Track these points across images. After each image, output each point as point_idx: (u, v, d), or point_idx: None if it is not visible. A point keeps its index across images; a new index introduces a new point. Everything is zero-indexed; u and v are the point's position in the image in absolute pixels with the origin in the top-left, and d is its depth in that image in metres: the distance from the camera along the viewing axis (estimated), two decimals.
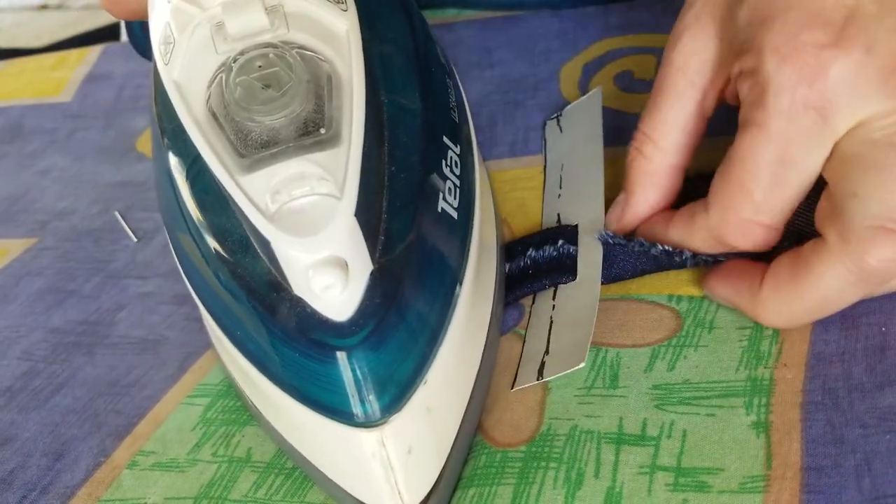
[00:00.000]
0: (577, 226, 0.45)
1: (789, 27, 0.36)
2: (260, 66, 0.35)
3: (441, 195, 0.37)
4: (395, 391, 0.34)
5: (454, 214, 0.37)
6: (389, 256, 0.34)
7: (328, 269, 0.31)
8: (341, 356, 0.33)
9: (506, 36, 0.62)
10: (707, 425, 0.36)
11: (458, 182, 0.38)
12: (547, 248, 0.45)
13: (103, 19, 0.97)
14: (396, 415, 0.34)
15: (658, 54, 0.55)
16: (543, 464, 0.37)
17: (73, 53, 0.79)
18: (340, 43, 0.36)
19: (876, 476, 0.33)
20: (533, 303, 0.43)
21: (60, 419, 0.45)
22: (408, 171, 0.36)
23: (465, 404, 0.37)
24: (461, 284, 0.37)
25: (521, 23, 0.63)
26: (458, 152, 0.39)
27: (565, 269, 0.43)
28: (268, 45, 0.36)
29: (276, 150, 0.34)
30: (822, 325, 0.38)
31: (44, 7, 1.00)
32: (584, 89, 0.56)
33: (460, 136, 0.40)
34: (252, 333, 0.35)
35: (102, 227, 0.58)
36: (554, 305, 0.42)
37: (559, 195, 0.48)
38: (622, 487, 0.35)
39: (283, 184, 0.33)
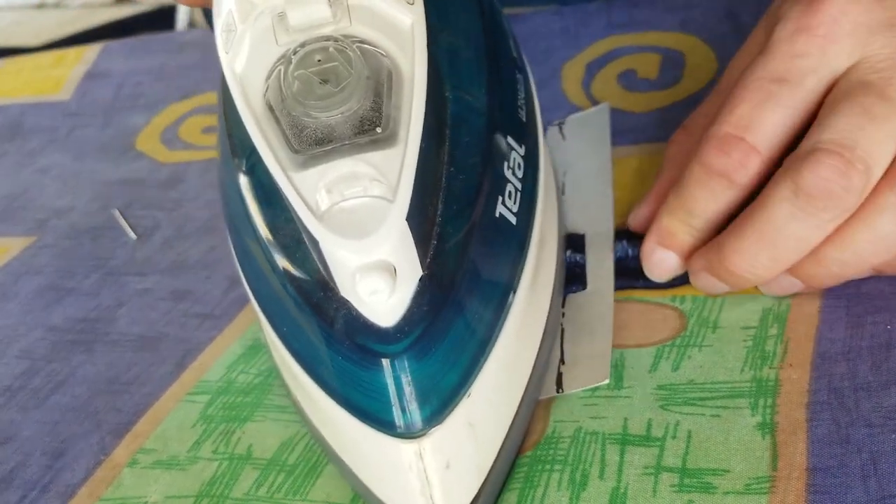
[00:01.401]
0: (583, 235, 0.44)
1: None
2: (319, 60, 0.34)
3: (500, 199, 0.36)
4: (438, 403, 0.33)
5: (513, 220, 0.36)
6: (441, 262, 0.33)
7: (376, 273, 0.31)
8: (384, 363, 0.32)
9: None
10: (712, 426, 0.36)
11: (519, 186, 0.37)
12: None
13: (102, 17, 0.97)
14: (437, 427, 0.33)
15: (661, 52, 0.55)
16: (548, 466, 0.36)
17: (72, 52, 0.79)
18: (404, 38, 0.35)
19: (882, 476, 0.33)
20: None
21: (60, 418, 0.45)
22: (467, 173, 0.35)
23: (511, 420, 0.36)
24: (515, 293, 0.36)
25: (523, 21, 0.63)
26: (523, 154, 0.38)
27: (574, 277, 0.43)
28: (329, 38, 0.35)
29: (330, 147, 0.33)
30: (828, 324, 0.38)
31: (42, 5, 1.00)
32: (586, 88, 0.55)
33: (526, 137, 0.39)
34: (298, 331, 0.35)
35: (101, 225, 0.58)
36: (563, 313, 0.42)
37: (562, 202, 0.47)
38: (627, 488, 0.35)
39: (335, 183, 0.32)
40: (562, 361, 0.40)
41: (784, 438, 0.35)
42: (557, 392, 0.39)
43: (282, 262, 0.34)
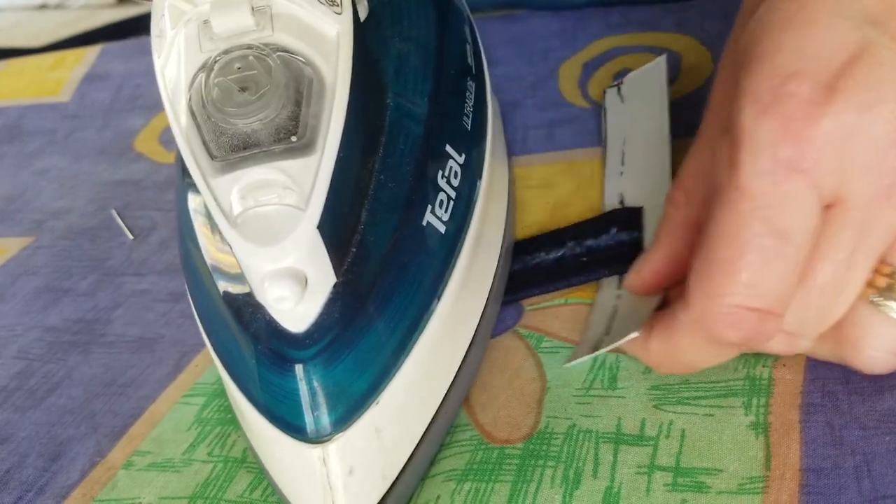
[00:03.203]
0: (641, 209, 0.43)
1: (775, 73, 0.31)
2: (239, 68, 0.34)
3: (430, 208, 0.36)
4: (344, 409, 0.33)
5: (441, 228, 0.37)
6: (358, 270, 0.33)
7: (283, 280, 0.31)
8: (296, 368, 0.33)
9: (505, 35, 0.62)
10: (706, 425, 0.36)
11: (453, 194, 0.37)
12: (604, 236, 0.44)
13: (102, 19, 0.97)
14: (342, 433, 0.34)
15: (657, 52, 0.55)
16: (541, 462, 0.36)
17: (72, 53, 0.79)
18: (329, 47, 0.35)
19: (875, 477, 0.33)
20: (596, 292, 0.43)
21: (56, 419, 0.45)
22: (397, 181, 0.35)
23: (424, 427, 0.37)
24: (440, 300, 0.36)
25: (520, 22, 0.63)
26: (462, 162, 0.38)
27: (628, 256, 0.41)
28: (250, 46, 0.35)
29: (247, 153, 0.33)
30: None
31: (43, 7, 1.00)
32: (583, 88, 0.55)
33: (469, 145, 0.39)
34: (220, 334, 0.35)
35: (99, 226, 0.58)
36: (619, 295, 0.41)
37: (621, 173, 0.46)
38: (620, 487, 0.35)
39: (249, 189, 0.32)
40: (606, 333, 0.40)
41: (777, 439, 0.35)
42: (590, 353, 0.39)
43: (209, 266, 0.35)
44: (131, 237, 0.56)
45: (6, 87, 0.78)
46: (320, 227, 0.32)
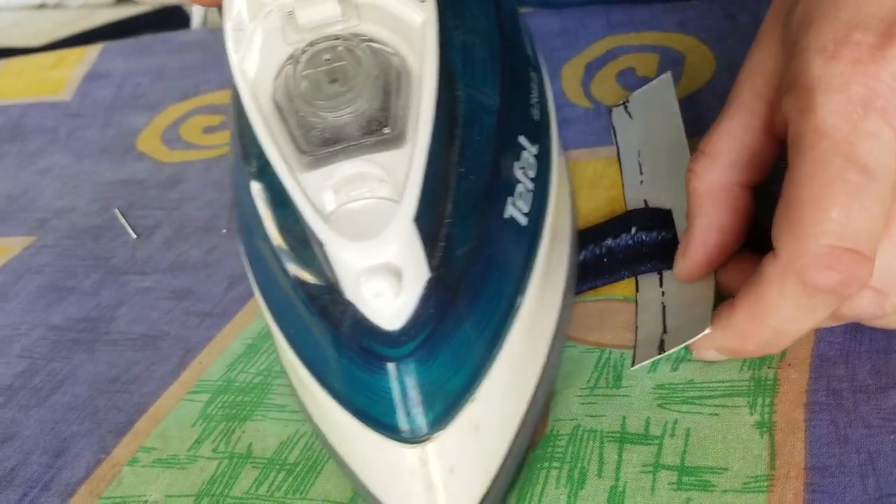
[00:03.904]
0: (670, 210, 0.43)
1: (838, 27, 0.32)
2: (328, 60, 0.34)
3: (510, 200, 0.35)
4: (442, 407, 0.32)
5: (523, 221, 0.36)
6: (448, 264, 0.32)
7: (380, 276, 0.30)
8: (389, 367, 0.32)
9: None
10: (710, 424, 0.36)
11: (531, 186, 0.36)
12: (624, 235, 0.43)
13: (101, 18, 0.97)
14: (441, 432, 0.33)
15: (660, 52, 0.55)
16: (546, 464, 0.36)
17: (73, 52, 0.79)
18: (414, 36, 0.34)
19: (881, 475, 0.33)
20: (637, 291, 0.42)
21: (61, 417, 0.45)
22: (476, 174, 0.34)
23: (519, 422, 0.35)
24: (524, 295, 0.35)
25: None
26: (536, 153, 0.37)
27: (668, 254, 0.41)
28: (337, 37, 0.34)
29: (337, 147, 0.32)
30: (827, 328, 0.38)
31: (42, 6, 1.00)
32: (586, 87, 0.55)
33: (539, 136, 0.38)
34: (304, 333, 0.34)
35: (102, 225, 0.58)
36: (663, 292, 0.41)
37: (641, 182, 0.46)
38: (625, 486, 0.35)
39: (342, 184, 0.32)
40: (664, 332, 0.39)
41: (782, 438, 0.35)
42: (658, 353, 0.38)
43: (290, 264, 0.34)
44: (134, 236, 0.56)
45: (7, 87, 0.78)
46: (415, 220, 0.31)
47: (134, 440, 0.42)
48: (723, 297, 0.37)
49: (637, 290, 0.42)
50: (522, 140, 0.37)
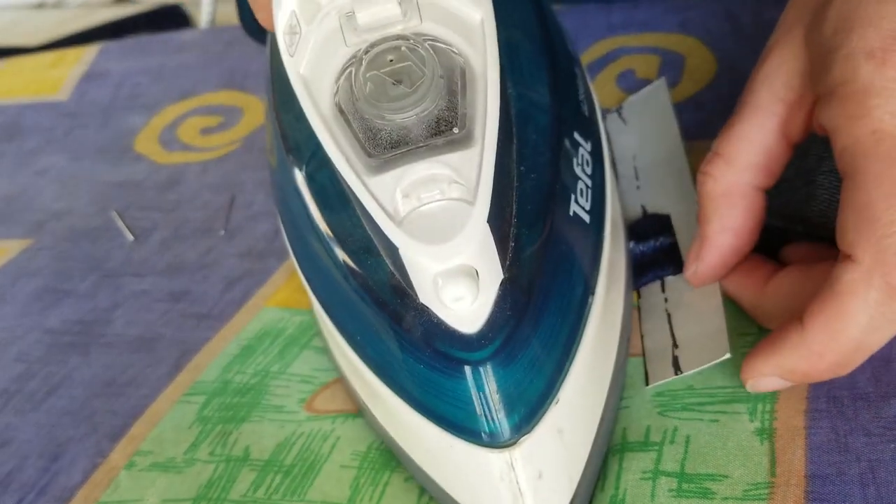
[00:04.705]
0: (668, 216, 0.43)
1: (884, 35, 0.32)
2: (391, 60, 0.33)
3: (573, 197, 0.35)
4: (526, 410, 0.32)
5: (586, 217, 0.35)
6: (520, 265, 0.32)
7: (459, 278, 0.30)
8: (469, 371, 0.31)
9: None
10: (711, 431, 0.36)
11: (589, 182, 0.36)
12: (646, 241, 0.43)
13: (100, 17, 0.97)
14: (527, 436, 0.32)
15: (660, 54, 0.55)
16: None
17: (71, 52, 0.79)
18: (475, 34, 0.34)
19: (881, 484, 0.32)
20: (639, 297, 0.42)
21: (56, 421, 0.44)
22: (538, 172, 0.34)
23: (598, 424, 0.35)
24: (594, 294, 0.35)
25: None
26: (590, 149, 0.37)
27: (668, 260, 0.41)
28: (399, 37, 0.34)
29: (405, 150, 0.32)
30: None
31: (41, 5, 1.00)
32: None
33: (591, 132, 0.38)
34: (373, 339, 0.34)
35: (99, 227, 0.58)
36: (666, 298, 0.41)
37: (638, 187, 0.46)
38: (625, 494, 0.35)
39: (412, 187, 0.31)
40: (675, 346, 0.39)
41: (782, 445, 0.35)
42: (676, 374, 0.38)
43: (354, 269, 0.33)
44: (131, 238, 0.56)
45: (5, 86, 0.78)
46: (488, 220, 0.30)
47: (130, 444, 0.42)
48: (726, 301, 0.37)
49: (639, 297, 0.42)
50: (577, 137, 0.37)
